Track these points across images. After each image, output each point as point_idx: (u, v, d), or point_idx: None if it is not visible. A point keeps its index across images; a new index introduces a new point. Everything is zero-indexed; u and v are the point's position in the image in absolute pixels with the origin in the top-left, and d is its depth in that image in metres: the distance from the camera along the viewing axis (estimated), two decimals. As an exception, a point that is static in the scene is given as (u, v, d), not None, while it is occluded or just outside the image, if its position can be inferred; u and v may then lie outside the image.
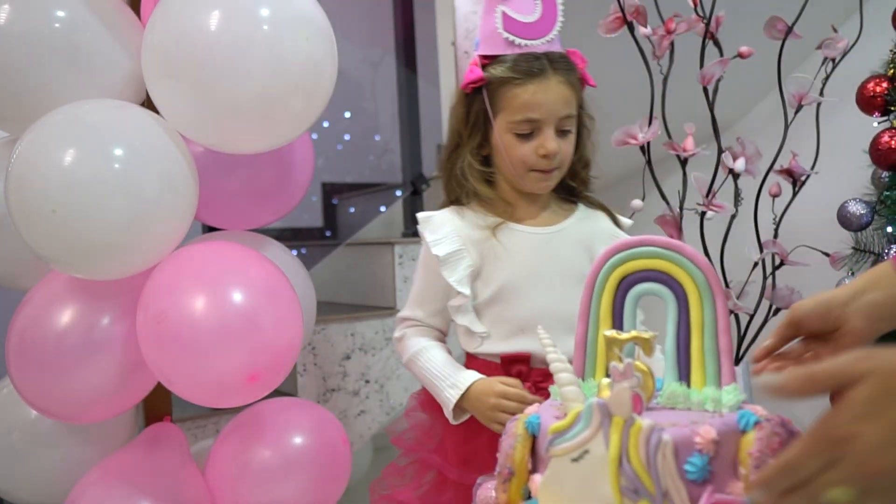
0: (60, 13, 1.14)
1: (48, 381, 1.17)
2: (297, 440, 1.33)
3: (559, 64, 1.15)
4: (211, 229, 1.43)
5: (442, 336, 1.26)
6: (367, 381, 1.98)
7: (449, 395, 1.13)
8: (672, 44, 1.63)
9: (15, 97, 1.15)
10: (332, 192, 3.18)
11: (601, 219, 1.26)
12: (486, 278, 1.18)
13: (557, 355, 0.78)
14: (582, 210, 1.26)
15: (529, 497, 0.78)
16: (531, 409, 0.83)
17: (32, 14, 1.13)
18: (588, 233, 1.22)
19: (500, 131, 1.17)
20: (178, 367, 1.09)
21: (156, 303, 1.10)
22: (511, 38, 1.14)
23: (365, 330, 1.98)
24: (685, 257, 0.83)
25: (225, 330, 1.08)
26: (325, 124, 3.17)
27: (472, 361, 1.21)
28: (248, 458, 1.29)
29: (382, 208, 2.99)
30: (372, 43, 2.75)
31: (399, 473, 1.24)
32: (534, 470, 0.79)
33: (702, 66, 1.55)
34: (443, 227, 1.19)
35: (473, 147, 1.20)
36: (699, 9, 1.52)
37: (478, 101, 1.18)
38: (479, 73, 1.16)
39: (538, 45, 1.14)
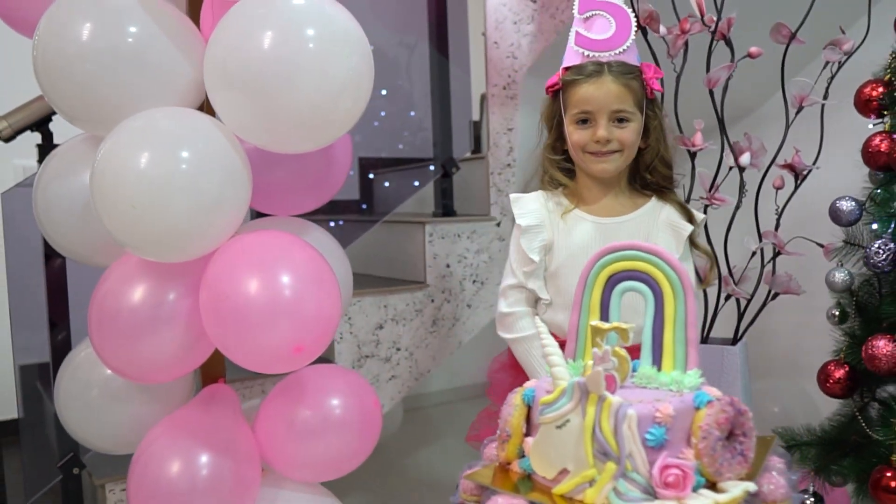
0: (133, 29, 1.30)
1: (123, 346, 1.35)
2: (335, 402, 1.50)
3: (616, 69, 1.37)
4: (260, 215, 1.60)
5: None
6: (398, 349, 2.16)
7: None
8: (686, 43, 1.76)
9: (93, 102, 1.31)
10: (368, 167, 3.34)
11: (667, 210, 1.44)
12: (554, 254, 1.42)
13: (550, 341, 0.95)
14: (653, 203, 1.45)
15: (524, 456, 0.95)
16: (529, 384, 1.00)
17: (109, 31, 1.28)
18: (649, 224, 1.43)
19: (567, 123, 1.41)
20: (235, 339, 1.27)
21: (216, 283, 1.28)
22: (581, 50, 1.39)
23: (397, 303, 2.15)
24: (663, 261, 0.98)
25: (275, 308, 1.25)
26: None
27: None
28: (292, 417, 1.47)
29: (416, 183, 3.15)
30: (407, 27, 2.88)
31: (489, 417, 1.51)
32: (528, 434, 0.96)
33: (708, 68, 1.67)
34: (528, 206, 1.44)
35: (553, 141, 1.47)
36: (706, 16, 1.63)
37: (556, 102, 1.44)
38: (555, 79, 1.43)
39: (604, 56, 1.38)
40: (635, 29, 1.37)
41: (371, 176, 3.34)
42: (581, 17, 1.38)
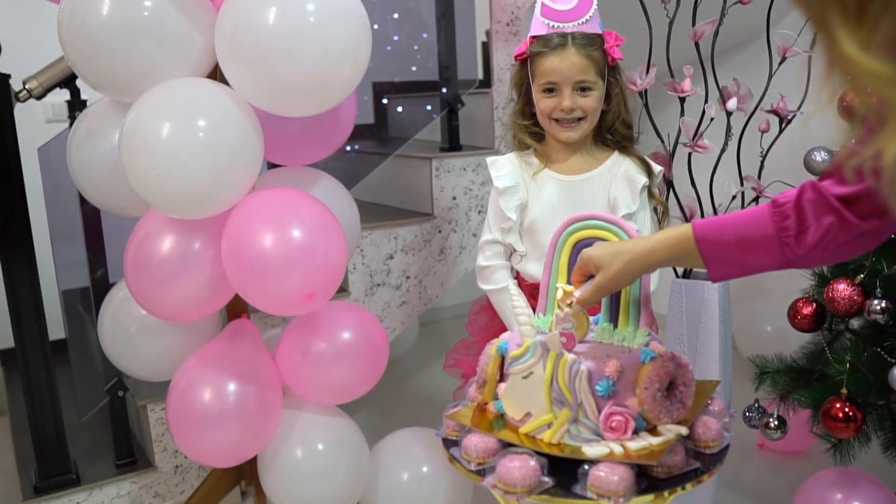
0: (148, 3, 1.40)
1: (155, 291, 1.51)
2: (346, 335, 1.68)
3: (579, 41, 1.46)
4: (274, 165, 1.73)
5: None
6: (408, 277, 2.33)
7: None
8: (679, -12, 1.80)
9: (114, 72, 1.42)
10: (381, 93, 3.42)
11: (626, 164, 1.54)
12: (528, 211, 1.54)
13: (519, 301, 1.09)
14: (614, 158, 1.56)
15: (497, 398, 1.12)
16: (504, 336, 1.15)
17: (126, 4, 1.39)
18: (609, 178, 1.54)
19: (535, 91, 1.51)
20: (252, 286, 1.42)
21: (235, 237, 1.43)
22: (546, 21, 1.47)
23: (406, 234, 2.30)
24: (621, 229, 1.11)
25: (287, 259, 1.40)
26: (375, 26, 3.36)
27: (519, 278, 1.59)
28: (308, 348, 1.64)
29: (428, 107, 3.24)
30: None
31: (466, 348, 1.69)
32: (501, 379, 1.12)
33: (694, 21, 1.72)
34: (504, 168, 1.56)
35: (521, 106, 1.57)
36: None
37: (524, 69, 1.53)
38: (523, 48, 1.51)
39: (568, 27, 1.46)
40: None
41: (384, 101, 3.42)
42: None
